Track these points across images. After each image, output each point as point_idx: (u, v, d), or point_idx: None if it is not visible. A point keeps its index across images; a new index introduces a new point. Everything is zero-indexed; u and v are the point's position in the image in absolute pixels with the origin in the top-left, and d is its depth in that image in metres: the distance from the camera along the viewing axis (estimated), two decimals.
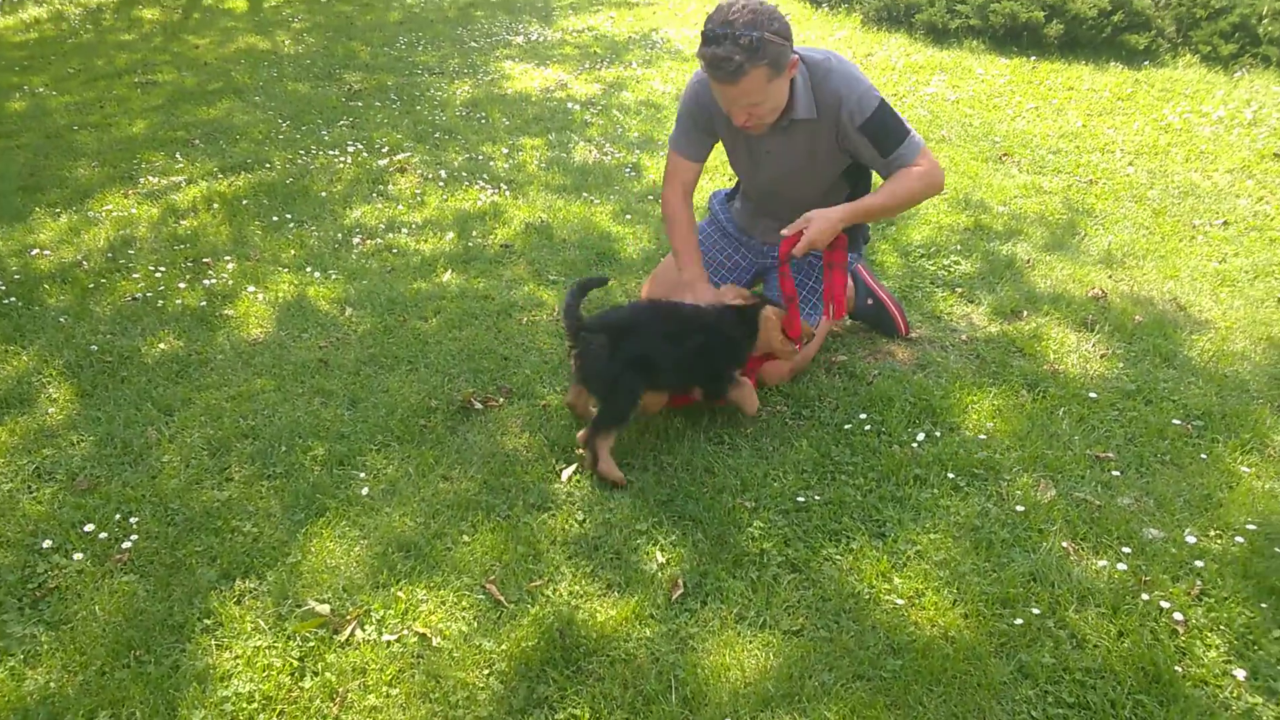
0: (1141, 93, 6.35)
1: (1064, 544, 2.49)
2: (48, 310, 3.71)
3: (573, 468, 2.79)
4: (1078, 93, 6.40)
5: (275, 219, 4.52)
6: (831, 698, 2.07)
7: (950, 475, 2.76)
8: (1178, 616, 2.26)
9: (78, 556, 2.48)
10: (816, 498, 2.67)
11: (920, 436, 2.92)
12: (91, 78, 7.09)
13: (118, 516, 2.62)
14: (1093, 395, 3.13)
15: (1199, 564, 2.42)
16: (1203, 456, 2.86)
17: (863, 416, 3.02)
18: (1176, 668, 2.13)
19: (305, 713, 2.06)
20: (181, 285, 3.89)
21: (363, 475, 2.78)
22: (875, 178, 3.08)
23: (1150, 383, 3.20)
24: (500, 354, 3.38)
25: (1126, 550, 2.47)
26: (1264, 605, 2.30)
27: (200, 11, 9.37)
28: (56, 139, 5.73)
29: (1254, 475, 2.78)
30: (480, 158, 5.33)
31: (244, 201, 4.70)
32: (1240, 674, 2.12)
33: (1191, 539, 2.51)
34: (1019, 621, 2.25)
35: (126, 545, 2.52)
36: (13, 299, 3.78)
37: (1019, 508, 2.62)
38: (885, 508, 2.63)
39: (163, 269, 4.03)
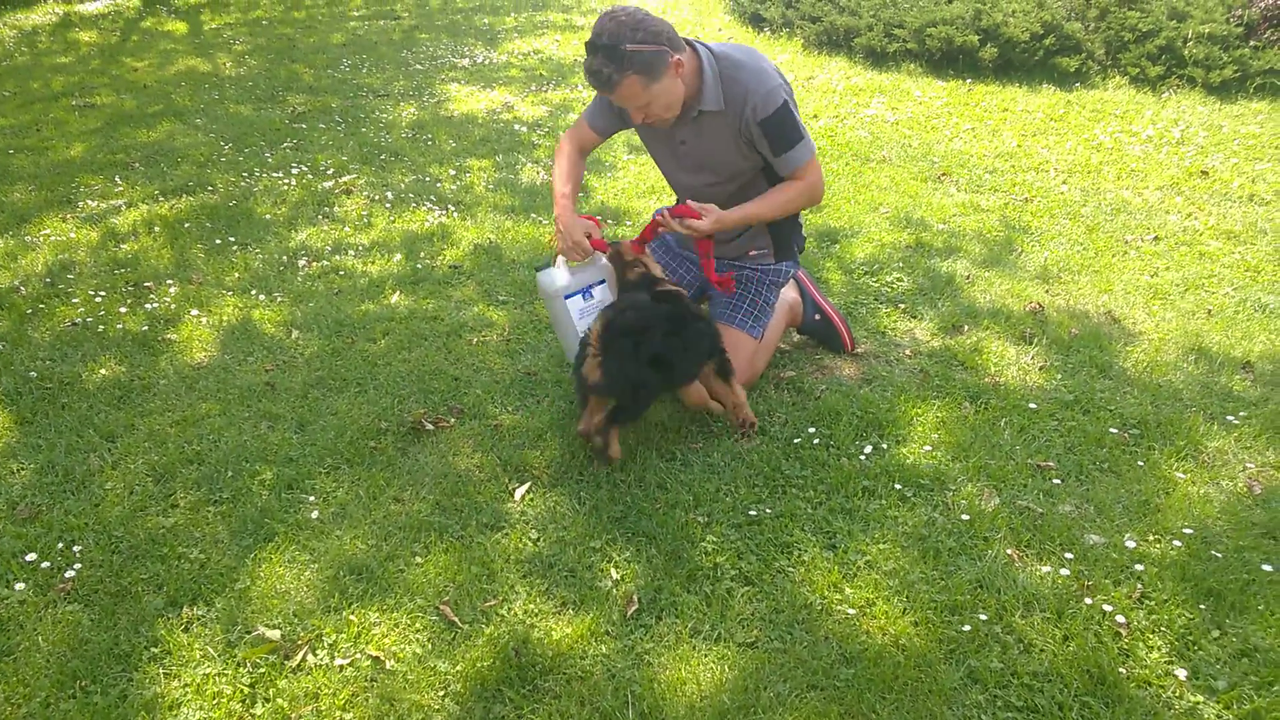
0: (1073, 113, 6.55)
1: (1009, 551, 2.55)
2: None
3: (525, 487, 2.79)
4: (1012, 114, 6.58)
5: (218, 242, 4.46)
6: (787, 708, 2.10)
7: (897, 486, 2.81)
8: (1120, 619, 2.33)
9: (19, 586, 2.42)
10: (768, 511, 2.70)
11: (868, 449, 2.98)
12: (27, 100, 6.95)
13: (60, 545, 2.57)
14: (1033, 406, 3.21)
15: (1139, 568, 2.49)
16: (1140, 464, 2.95)
17: (811, 430, 3.06)
18: (1120, 669, 2.19)
19: None
20: (123, 310, 3.83)
21: (312, 499, 2.75)
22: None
23: (1088, 393, 3.29)
24: (450, 374, 3.37)
25: (1069, 556, 2.54)
26: (1202, 606, 2.37)
27: (139, 34, 9.24)
28: None
29: (1189, 481, 2.87)
30: (427, 179, 5.32)
31: (186, 224, 4.64)
32: (1182, 674, 2.19)
33: (1131, 544, 2.58)
34: (967, 628, 2.30)
35: (70, 574, 2.46)
36: None
37: (964, 517, 2.68)
38: (835, 519, 2.67)
39: (103, 293, 3.96)
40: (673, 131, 3.09)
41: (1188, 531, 2.62)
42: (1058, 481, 2.85)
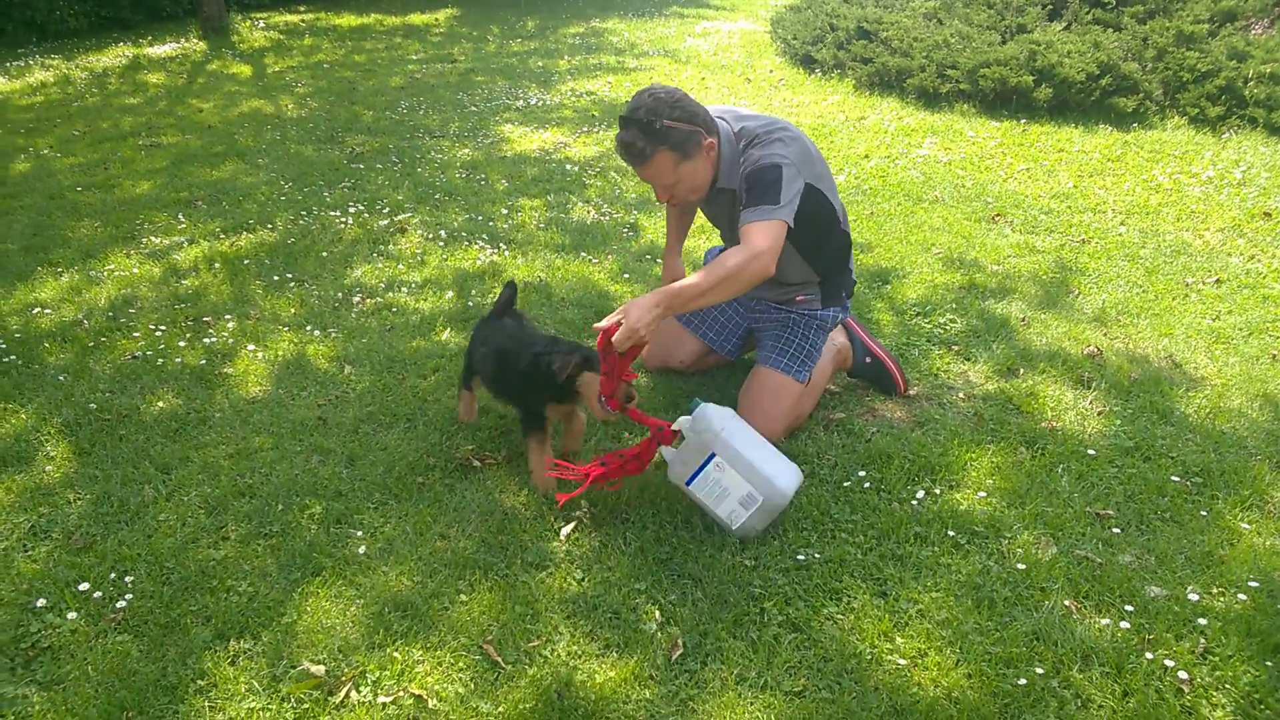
0: (1131, 154, 6.45)
1: (1066, 602, 2.47)
2: (47, 368, 3.72)
3: (570, 526, 2.78)
4: (1068, 154, 6.50)
5: (276, 278, 4.55)
6: None
7: (951, 533, 2.74)
8: (1182, 675, 2.24)
9: (72, 616, 2.45)
10: (816, 556, 2.66)
11: (920, 494, 2.92)
12: (96, 140, 7.19)
13: (113, 575, 2.60)
14: (1091, 452, 3.13)
15: (1202, 622, 2.40)
16: (1203, 513, 2.85)
17: (862, 474, 3.01)
18: None
19: None
20: (181, 344, 3.91)
21: (360, 534, 2.77)
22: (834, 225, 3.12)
23: (1148, 440, 3.21)
24: (498, 412, 3.38)
25: (1129, 608, 2.45)
26: (1269, 664, 2.27)
27: (205, 76, 9.53)
28: (60, 199, 5.79)
29: (1254, 532, 2.77)
30: (480, 218, 5.38)
31: (245, 261, 4.74)
32: None
33: (1194, 596, 2.49)
34: (1023, 681, 2.23)
35: (121, 604, 2.49)
36: (13, 357, 3.80)
37: (1020, 566, 2.61)
38: (886, 566, 2.62)
39: (163, 328, 4.05)
40: (704, 204, 3.21)
41: (1253, 585, 2.53)
42: (1117, 531, 2.77)
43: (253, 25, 12.38)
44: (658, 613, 2.46)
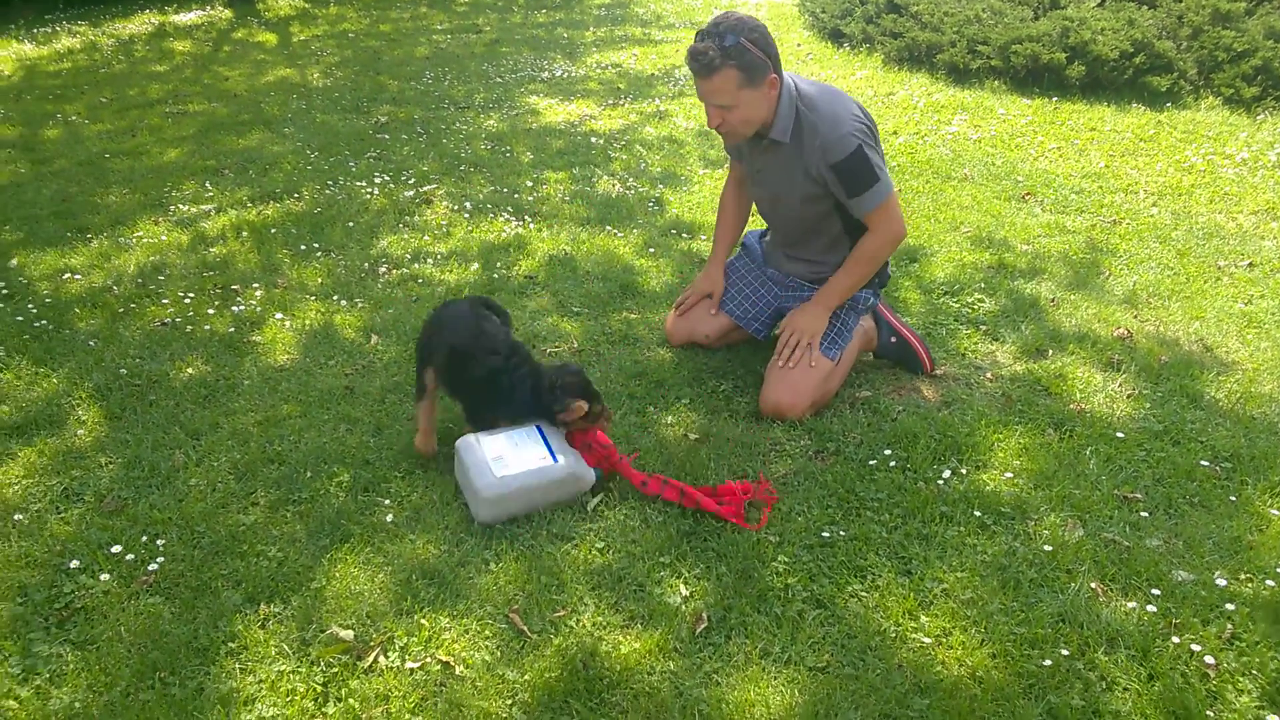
0: (1164, 134, 6.36)
1: (1092, 585, 2.47)
2: (78, 333, 3.75)
3: (597, 498, 2.79)
4: (1100, 133, 6.41)
5: (303, 248, 4.57)
6: None
7: (977, 513, 2.74)
8: (1209, 660, 2.23)
9: (104, 577, 2.49)
10: (841, 533, 2.66)
11: (946, 474, 2.91)
12: (124, 107, 7.22)
13: (144, 538, 2.64)
14: (1120, 435, 3.11)
15: (1230, 607, 2.39)
16: (1232, 499, 2.83)
17: (887, 452, 3.01)
18: (1208, 712, 2.10)
19: None
20: (210, 311, 3.94)
21: (387, 502, 2.79)
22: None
23: (1177, 423, 3.18)
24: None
25: (1156, 592, 2.44)
26: None
27: (230, 44, 9.54)
28: (90, 166, 5.83)
29: None
30: (505, 190, 5.38)
31: (273, 230, 4.76)
32: (1273, 719, 2.09)
33: (1222, 582, 2.48)
34: (1048, 663, 2.23)
35: (153, 567, 2.53)
36: (44, 321, 3.84)
37: (1046, 547, 2.60)
38: (911, 545, 2.62)
39: (192, 295, 4.08)
40: (752, 157, 3.19)
41: None
42: (1145, 514, 2.76)
43: None
44: (682, 586, 2.47)
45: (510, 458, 2.70)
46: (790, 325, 3.18)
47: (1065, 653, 2.25)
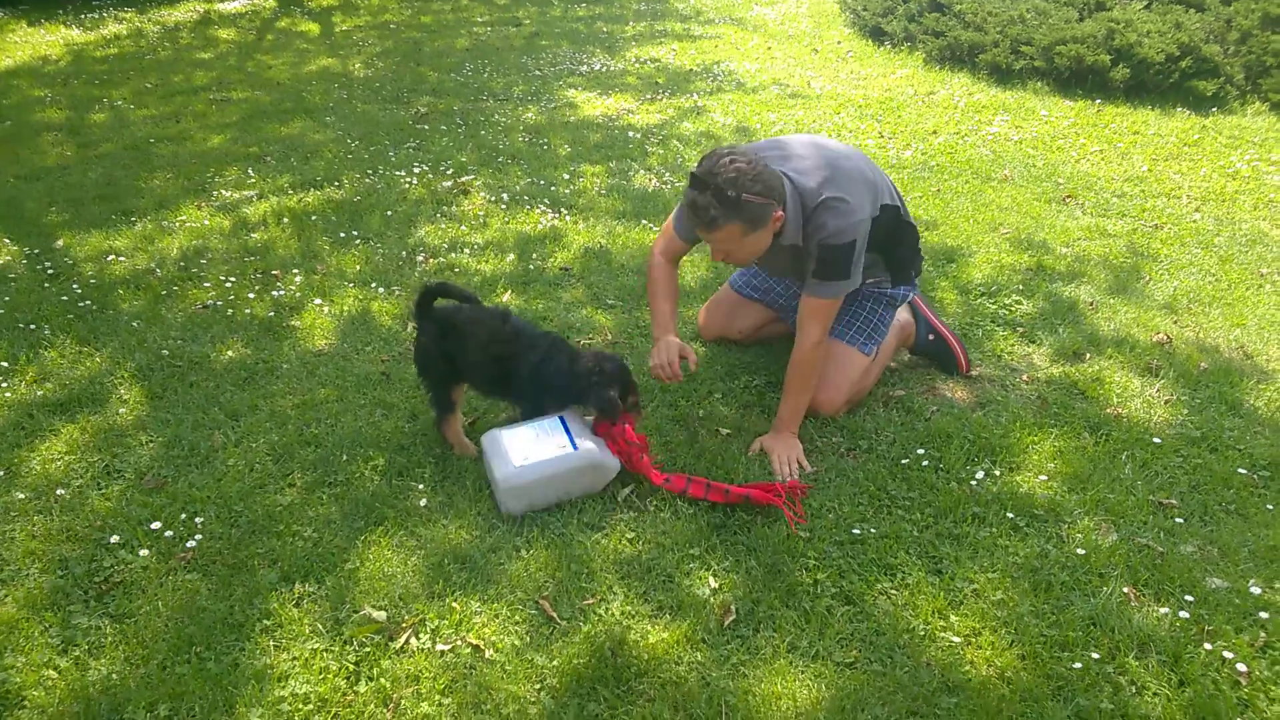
0: (1209, 139, 6.27)
1: (1125, 589, 2.45)
2: (121, 314, 3.82)
3: (628, 489, 2.80)
4: (1143, 137, 6.33)
5: (342, 235, 4.62)
6: None
7: (1009, 515, 2.72)
8: (1241, 668, 2.21)
9: (144, 553, 2.54)
10: (872, 531, 2.65)
11: (979, 475, 2.90)
12: (169, 93, 7.33)
13: (183, 516, 2.69)
14: (1156, 441, 3.08)
15: (1264, 615, 2.37)
16: (1269, 507, 2.79)
17: (920, 452, 3.00)
18: None
19: (359, 717, 2.09)
20: (251, 295, 3.99)
21: (421, 487, 2.82)
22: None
23: (1215, 430, 3.14)
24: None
25: (1189, 598, 2.42)
26: None
27: (274, 33, 9.64)
28: (135, 150, 5.93)
29: None
30: (542, 182, 5.40)
31: (313, 217, 4.82)
32: None
33: (1256, 590, 2.45)
34: (1078, 666, 2.21)
35: (191, 544, 2.58)
36: (88, 302, 3.91)
37: (1079, 551, 2.58)
38: (942, 544, 2.61)
39: (233, 279, 4.14)
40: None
41: None
42: (1180, 521, 2.73)
43: None
44: (711, 579, 2.48)
45: (531, 448, 2.72)
46: (771, 451, 2.98)
47: (1095, 656, 2.24)
